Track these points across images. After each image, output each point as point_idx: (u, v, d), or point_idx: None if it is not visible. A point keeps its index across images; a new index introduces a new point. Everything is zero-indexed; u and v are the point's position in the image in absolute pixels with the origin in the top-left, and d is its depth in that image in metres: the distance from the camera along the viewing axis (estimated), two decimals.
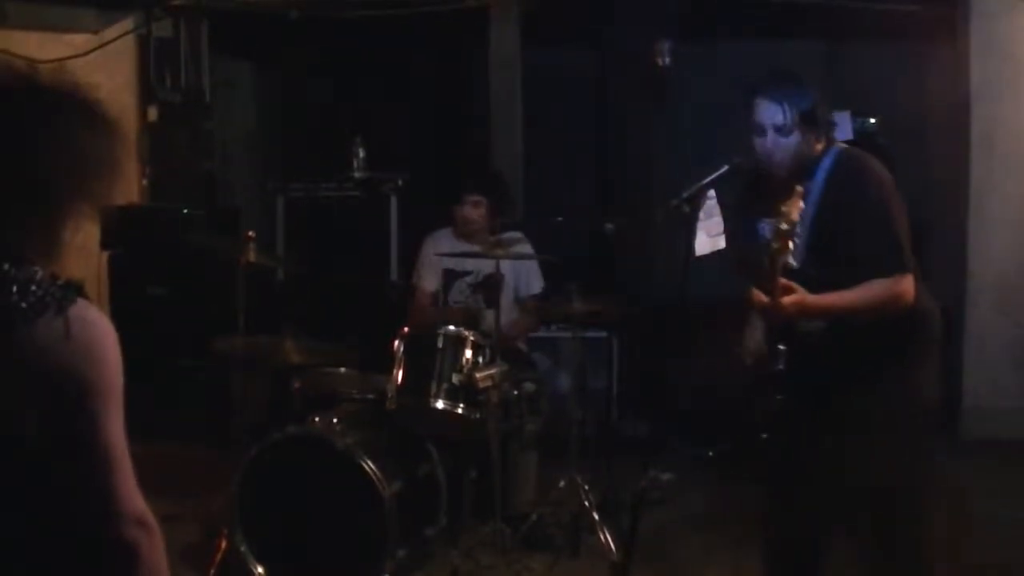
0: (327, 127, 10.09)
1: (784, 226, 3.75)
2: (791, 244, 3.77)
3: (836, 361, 4.14)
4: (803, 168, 4.17)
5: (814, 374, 4.14)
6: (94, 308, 2.18)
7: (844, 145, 4.32)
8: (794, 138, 4.14)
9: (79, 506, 2.13)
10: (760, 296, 3.94)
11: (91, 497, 2.13)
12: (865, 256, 4.06)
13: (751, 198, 4.42)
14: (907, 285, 4.08)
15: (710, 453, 7.83)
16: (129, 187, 8.97)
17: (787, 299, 3.92)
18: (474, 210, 7.05)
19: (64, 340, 2.09)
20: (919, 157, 9.47)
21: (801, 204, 3.81)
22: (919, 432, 4.25)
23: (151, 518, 2.22)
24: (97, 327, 2.16)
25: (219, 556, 5.65)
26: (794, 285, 3.94)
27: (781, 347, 4.07)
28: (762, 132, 4.17)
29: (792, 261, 3.84)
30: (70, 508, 2.13)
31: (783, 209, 3.78)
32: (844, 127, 7.80)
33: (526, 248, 6.93)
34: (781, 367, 4.05)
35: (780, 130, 4.13)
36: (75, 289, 2.15)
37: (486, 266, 6.88)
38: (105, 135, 2.26)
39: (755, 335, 4.38)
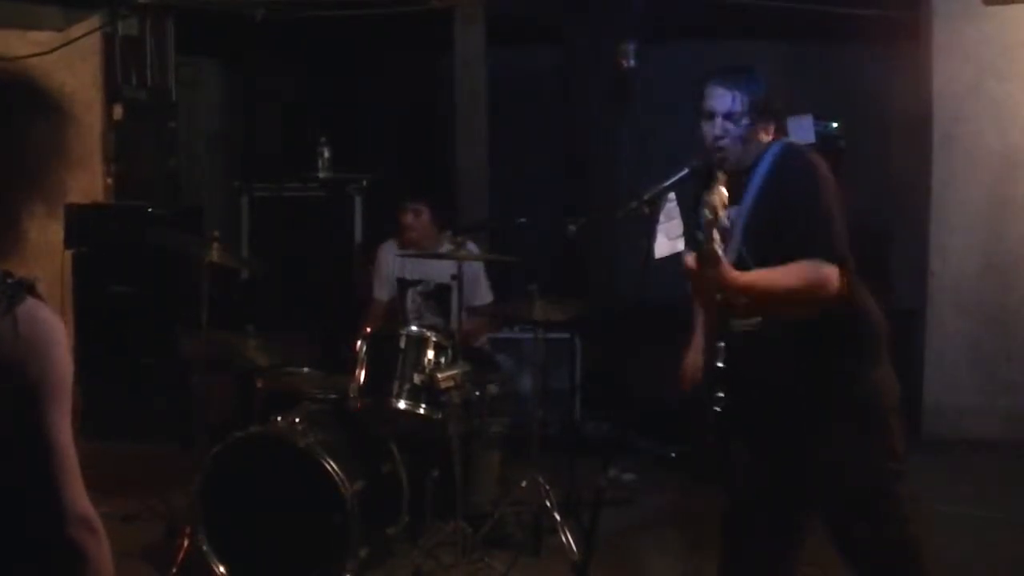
0: (292, 127, 10.10)
1: (708, 214, 3.67)
2: (716, 233, 3.68)
3: (781, 362, 4.12)
4: (749, 157, 4.16)
5: (756, 373, 4.12)
6: (45, 307, 2.14)
7: (790, 140, 4.30)
8: (743, 126, 4.11)
9: (23, 506, 2.11)
10: (689, 261, 3.80)
11: (36, 497, 2.10)
12: (796, 240, 3.98)
13: (701, 192, 4.40)
14: (832, 273, 3.95)
15: (672, 454, 7.85)
16: (94, 185, 8.96)
17: (716, 272, 3.76)
18: (415, 219, 7.06)
19: (12, 338, 2.07)
20: (881, 158, 9.56)
21: (724, 191, 3.71)
22: (885, 433, 4.21)
23: (97, 520, 2.17)
24: (47, 326, 2.13)
25: (181, 555, 5.65)
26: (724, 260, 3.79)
27: (720, 344, 4.02)
28: (711, 117, 4.15)
29: (719, 250, 3.72)
30: (14, 508, 2.10)
31: (706, 198, 3.72)
32: (806, 130, 7.85)
33: (473, 250, 6.98)
34: (720, 364, 3.99)
35: (730, 117, 4.11)
36: (26, 287, 2.12)
37: (436, 275, 6.91)
38: (54, 122, 2.22)
39: (694, 358, 4.37)
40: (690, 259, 3.81)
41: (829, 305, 4.01)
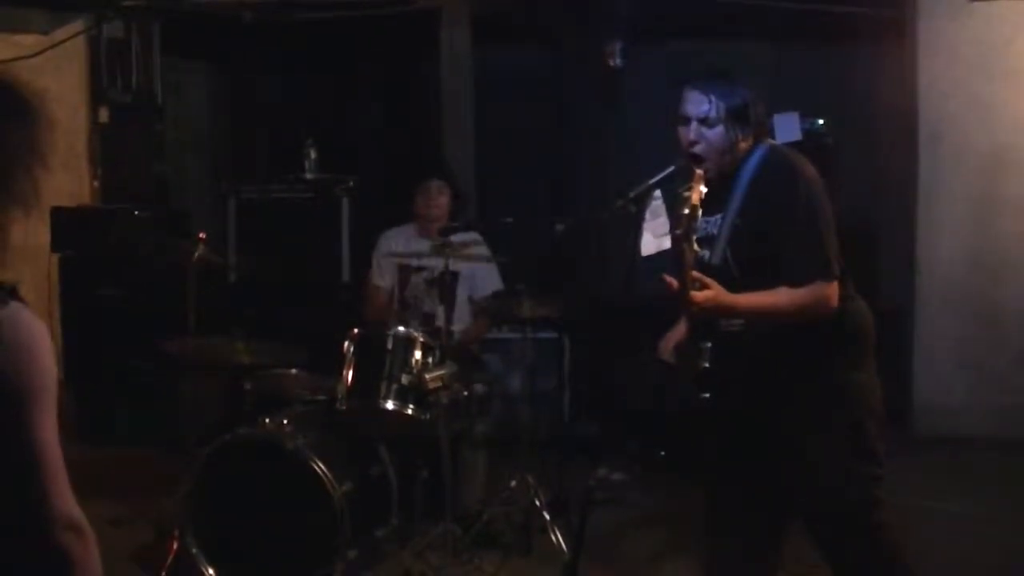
0: (279, 129, 10.08)
1: (685, 210, 3.68)
2: (693, 228, 3.70)
3: (763, 363, 4.11)
4: (728, 164, 4.14)
5: (740, 374, 4.11)
6: (27, 310, 2.12)
7: (773, 143, 4.28)
8: (718, 131, 4.09)
9: (9, 510, 2.08)
10: (672, 283, 3.84)
11: (22, 501, 2.08)
12: (789, 260, 4.00)
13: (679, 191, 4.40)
14: (830, 291, 4.00)
15: (661, 453, 7.84)
16: (80, 188, 8.95)
17: (701, 295, 3.82)
18: (439, 195, 7.04)
19: None
20: (868, 158, 9.56)
21: (702, 188, 3.72)
22: (862, 436, 4.19)
23: (85, 523, 2.14)
24: (29, 329, 2.10)
25: (171, 558, 5.63)
26: (709, 281, 3.85)
27: (707, 344, 4.00)
28: (686, 122, 4.15)
29: (697, 248, 3.75)
30: (0, 512, 2.08)
31: (684, 194, 3.73)
32: (792, 128, 7.85)
33: (483, 250, 6.94)
34: (706, 365, 3.98)
35: (704, 121, 4.10)
36: (7, 291, 2.10)
37: (440, 262, 6.86)
38: (28, 124, 2.17)
39: (678, 332, 4.35)
40: (671, 282, 3.82)
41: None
